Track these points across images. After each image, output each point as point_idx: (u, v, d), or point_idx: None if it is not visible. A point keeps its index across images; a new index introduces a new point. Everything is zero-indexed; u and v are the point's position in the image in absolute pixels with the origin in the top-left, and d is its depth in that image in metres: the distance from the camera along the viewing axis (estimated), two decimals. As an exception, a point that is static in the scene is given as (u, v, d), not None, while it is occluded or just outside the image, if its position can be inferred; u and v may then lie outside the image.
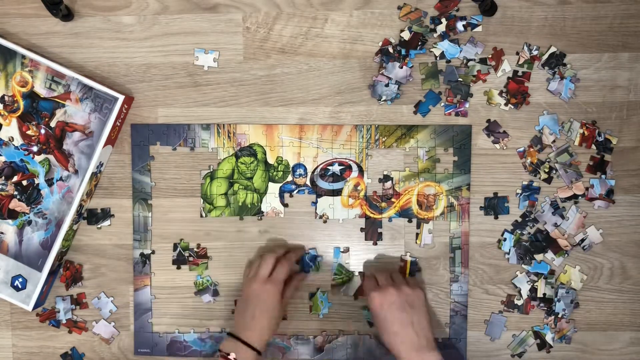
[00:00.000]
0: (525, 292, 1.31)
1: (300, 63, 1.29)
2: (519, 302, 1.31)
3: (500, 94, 1.29)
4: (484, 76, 1.28)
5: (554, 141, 1.29)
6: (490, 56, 1.28)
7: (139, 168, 1.31)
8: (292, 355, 1.32)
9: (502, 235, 1.30)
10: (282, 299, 1.22)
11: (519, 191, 1.29)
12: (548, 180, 1.29)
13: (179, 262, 1.33)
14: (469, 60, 1.28)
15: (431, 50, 1.28)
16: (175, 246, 1.32)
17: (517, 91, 1.29)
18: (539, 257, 1.30)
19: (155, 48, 1.30)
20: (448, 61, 1.28)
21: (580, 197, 1.29)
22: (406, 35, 1.28)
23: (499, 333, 1.31)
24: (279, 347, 1.32)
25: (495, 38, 1.28)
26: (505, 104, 1.29)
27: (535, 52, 1.27)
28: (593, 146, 1.28)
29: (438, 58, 1.28)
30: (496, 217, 1.29)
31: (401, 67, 1.29)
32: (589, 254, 1.30)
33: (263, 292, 1.19)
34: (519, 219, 1.30)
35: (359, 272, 1.32)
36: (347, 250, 1.31)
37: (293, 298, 1.29)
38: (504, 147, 1.27)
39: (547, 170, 1.29)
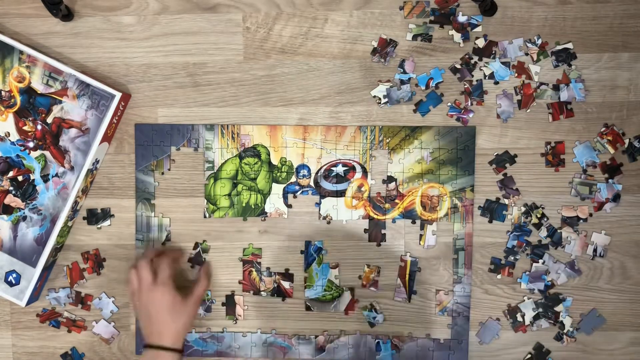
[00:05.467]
0: (528, 317, 1.12)
1: (300, 63, 1.12)
2: (519, 320, 1.13)
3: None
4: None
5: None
6: (516, 74, 1.10)
7: (143, 168, 1.13)
8: (293, 355, 1.14)
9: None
10: (191, 295, 1.05)
11: (510, 229, 1.11)
12: (537, 225, 1.11)
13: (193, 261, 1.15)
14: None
15: (481, 69, 1.10)
16: (196, 245, 1.15)
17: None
18: (558, 308, 1.12)
19: (155, 48, 1.12)
20: (496, 82, 1.10)
21: (581, 221, 1.11)
22: (409, 36, 1.10)
23: (490, 339, 1.13)
24: (280, 346, 1.14)
25: (495, 38, 1.10)
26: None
27: (538, 41, 1.09)
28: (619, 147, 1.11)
29: (487, 78, 1.10)
30: (490, 222, 1.11)
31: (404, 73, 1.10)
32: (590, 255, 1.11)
33: (156, 297, 1.02)
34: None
35: (349, 288, 1.13)
36: (336, 265, 1.13)
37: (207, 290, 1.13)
38: (512, 204, 1.11)
39: (539, 215, 1.11)
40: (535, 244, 1.10)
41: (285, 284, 1.13)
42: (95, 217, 1.13)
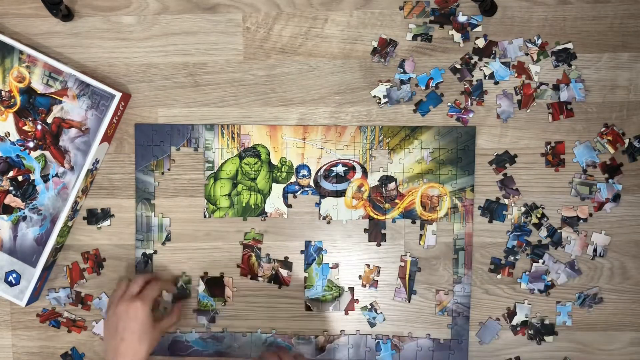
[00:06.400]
0: (519, 319, 1.12)
1: (300, 63, 1.11)
2: (514, 323, 1.12)
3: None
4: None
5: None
6: (516, 74, 1.10)
7: (143, 168, 1.12)
8: (293, 354, 1.13)
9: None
10: (159, 324, 1.03)
11: (510, 229, 1.11)
12: (537, 225, 1.10)
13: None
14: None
15: (481, 69, 1.09)
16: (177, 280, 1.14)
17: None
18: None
19: (155, 48, 1.12)
20: (496, 82, 1.10)
21: (581, 221, 1.10)
22: (409, 36, 1.10)
23: (489, 339, 1.12)
24: (280, 347, 1.13)
25: (495, 38, 1.10)
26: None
27: (538, 41, 1.09)
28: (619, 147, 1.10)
29: (487, 78, 1.10)
30: (490, 222, 1.11)
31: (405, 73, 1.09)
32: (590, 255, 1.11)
33: (131, 309, 0.99)
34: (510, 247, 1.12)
35: (349, 288, 1.13)
36: (336, 265, 1.13)
37: (174, 328, 1.12)
38: (513, 204, 1.10)
39: (539, 215, 1.10)
40: (535, 244, 1.10)
41: (284, 272, 1.12)
42: (95, 217, 1.12)
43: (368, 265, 1.11)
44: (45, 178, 1.08)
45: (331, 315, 1.12)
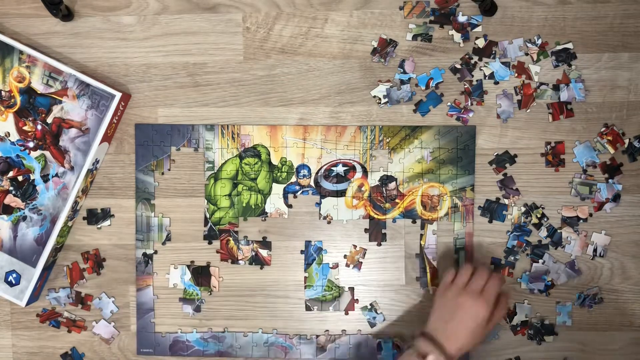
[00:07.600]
0: (519, 319, 1.11)
1: (300, 63, 1.11)
2: (514, 323, 1.12)
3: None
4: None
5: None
6: (516, 74, 1.10)
7: (143, 168, 1.12)
8: (294, 354, 1.13)
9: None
10: (489, 323, 1.01)
11: (510, 229, 1.10)
12: (537, 225, 1.10)
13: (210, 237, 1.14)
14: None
15: (481, 69, 1.09)
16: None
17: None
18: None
19: (155, 48, 1.12)
20: (496, 82, 1.09)
21: (581, 221, 1.10)
22: (409, 36, 1.10)
23: (489, 339, 1.11)
24: (281, 346, 1.13)
25: (495, 38, 1.09)
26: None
27: (538, 41, 1.09)
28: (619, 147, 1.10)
29: (487, 78, 1.09)
30: (490, 222, 1.10)
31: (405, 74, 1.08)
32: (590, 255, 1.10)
33: (474, 308, 0.99)
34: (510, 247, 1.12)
35: (349, 288, 1.12)
36: (336, 265, 1.12)
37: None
38: (513, 204, 1.10)
39: (539, 215, 1.10)
40: (535, 244, 1.09)
41: (263, 252, 1.12)
42: (95, 217, 1.12)
43: (355, 246, 1.11)
44: (45, 178, 1.08)
45: (331, 315, 1.12)
